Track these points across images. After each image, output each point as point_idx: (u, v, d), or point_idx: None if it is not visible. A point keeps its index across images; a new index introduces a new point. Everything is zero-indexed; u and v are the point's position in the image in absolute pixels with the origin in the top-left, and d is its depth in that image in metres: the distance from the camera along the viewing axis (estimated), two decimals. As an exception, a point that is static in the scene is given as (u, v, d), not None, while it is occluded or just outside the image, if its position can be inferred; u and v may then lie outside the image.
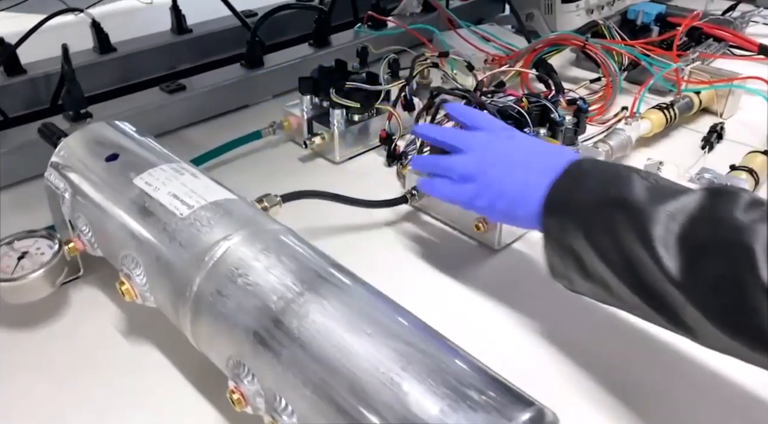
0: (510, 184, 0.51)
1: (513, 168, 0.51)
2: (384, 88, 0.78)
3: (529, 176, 0.49)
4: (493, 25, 1.16)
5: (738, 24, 1.06)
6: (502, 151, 0.53)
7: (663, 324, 0.43)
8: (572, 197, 0.46)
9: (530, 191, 0.49)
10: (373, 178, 0.77)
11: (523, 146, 0.54)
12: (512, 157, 0.53)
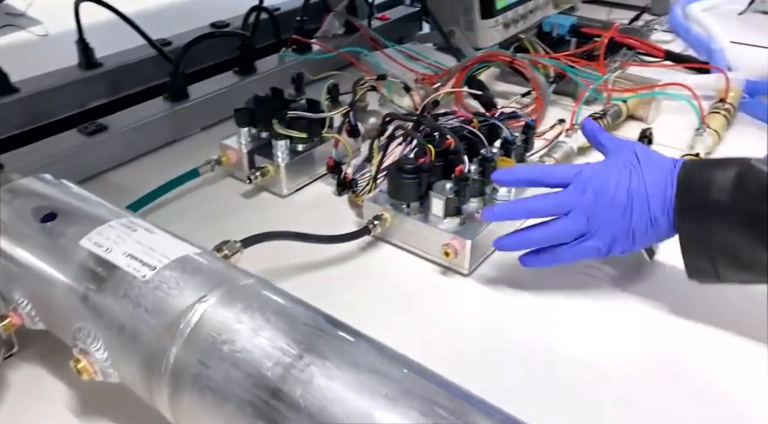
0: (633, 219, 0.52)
1: (623, 200, 0.52)
2: (328, 115, 0.75)
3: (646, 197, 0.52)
4: (416, 43, 1.16)
5: (644, 32, 1.13)
6: (600, 189, 0.53)
7: None
8: (707, 200, 0.49)
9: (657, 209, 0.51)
10: (324, 209, 0.74)
11: (609, 178, 0.54)
12: (609, 190, 0.53)
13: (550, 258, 0.57)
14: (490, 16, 1.07)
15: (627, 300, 0.60)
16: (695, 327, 0.57)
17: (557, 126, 0.81)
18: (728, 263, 0.49)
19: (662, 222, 0.52)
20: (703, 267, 0.51)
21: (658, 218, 0.52)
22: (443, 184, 0.63)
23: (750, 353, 0.54)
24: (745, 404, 0.50)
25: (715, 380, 0.52)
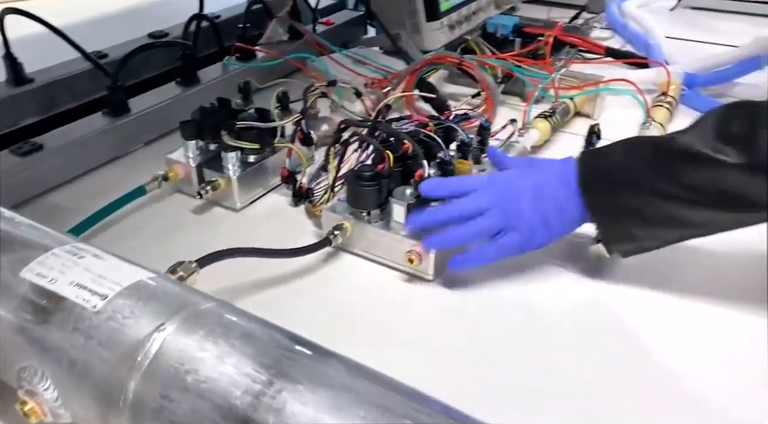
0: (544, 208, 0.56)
1: (530, 194, 0.56)
2: (279, 123, 0.73)
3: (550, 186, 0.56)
4: (363, 47, 1.15)
5: (584, 30, 1.16)
6: (508, 187, 0.57)
7: (734, 223, 0.51)
8: (606, 170, 0.54)
9: (562, 194, 0.55)
10: (280, 221, 0.72)
11: (513, 176, 0.58)
12: (515, 188, 0.57)
13: (477, 257, 0.58)
14: (435, 18, 1.08)
15: (592, 295, 0.61)
16: (657, 308, 0.58)
17: (509, 126, 0.81)
18: (636, 221, 0.53)
19: (571, 206, 0.55)
20: (616, 232, 0.55)
21: (564, 202, 0.56)
22: (403, 190, 0.62)
23: (705, 326, 0.55)
24: (705, 385, 0.51)
25: (678, 362, 0.53)
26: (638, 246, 0.55)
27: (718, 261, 0.63)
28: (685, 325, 0.57)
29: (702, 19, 1.29)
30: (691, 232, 0.54)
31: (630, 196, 0.53)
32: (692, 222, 0.52)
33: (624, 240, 0.55)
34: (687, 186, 0.50)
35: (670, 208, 0.51)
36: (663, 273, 0.61)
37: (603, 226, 0.55)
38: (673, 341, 0.55)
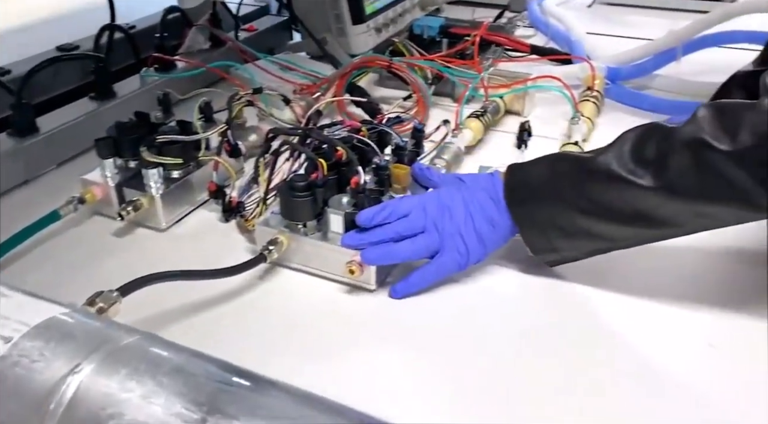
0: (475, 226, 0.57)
1: (463, 213, 0.57)
2: (203, 135, 0.69)
3: (479, 203, 0.58)
4: (289, 53, 1.12)
5: (508, 29, 1.17)
6: (440, 206, 0.58)
7: (647, 237, 0.55)
8: (528, 185, 0.56)
9: (491, 211, 0.57)
10: (210, 239, 0.68)
11: (443, 195, 0.59)
12: (446, 207, 0.58)
13: (419, 280, 0.59)
14: (361, 22, 1.06)
15: (532, 291, 0.60)
16: (596, 302, 0.58)
17: (442, 127, 0.80)
18: (558, 234, 0.56)
19: (501, 221, 0.58)
20: (541, 243, 0.57)
21: (494, 217, 0.58)
22: (340, 199, 0.59)
23: (647, 319, 0.56)
24: (654, 369, 0.51)
25: (626, 350, 0.53)
26: (561, 256, 0.58)
27: (649, 254, 0.64)
28: (619, 315, 0.57)
29: (618, 14, 1.33)
30: (609, 244, 0.56)
31: (552, 211, 0.55)
32: (609, 236, 0.55)
33: (548, 251, 0.58)
34: (603, 204, 0.53)
35: (588, 223, 0.54)
36: (594, 265, 0.62)
37: (528, 238, 0.58)
38: (607, 330, 0.56)
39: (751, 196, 0.48)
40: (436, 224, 0.58)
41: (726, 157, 0.48)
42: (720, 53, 1.01)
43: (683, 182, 0.50)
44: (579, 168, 0.55)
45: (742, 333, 0.54)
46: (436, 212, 0.58)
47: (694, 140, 0.49)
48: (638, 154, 0.52)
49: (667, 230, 0.54)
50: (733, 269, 0.63)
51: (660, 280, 0.61)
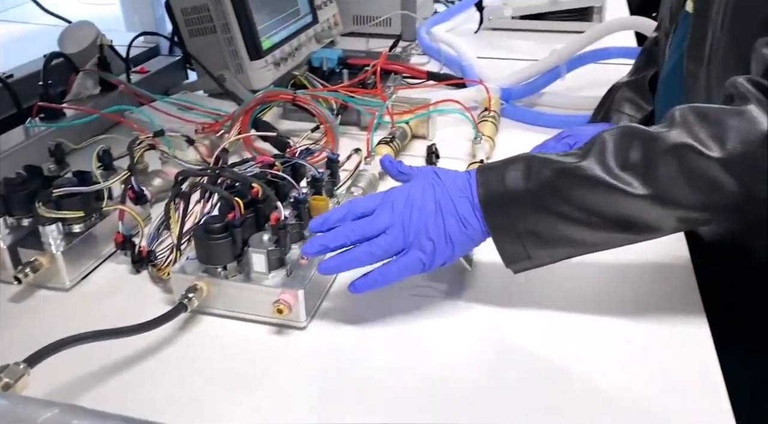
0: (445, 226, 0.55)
1: (432, 210, 0.55)
2: (104, 185, 0.65)
3: (453, 203, 0.55)
4: (186, 92, 1.09)
5: (404, 58, 1.21)
6: (409, 202, 0.56)
7: (625, 241, 0.54)
8: (505, 192, 0.54)
9: (465, 212, 0.55)
10: (122, 294, 0.64)
11: (414, 191, 0.56)
12: (416, 204, 0.56)
13: (379, 280, 0.56)
14: (258, 57, 1.05)
15: (460, 306, 0.61)
16: (521, 312, 0.60)
17: (354, 155, 0.81)
18: (535, 242, 0.55)
19: (473, 222, 0.55)
20: (516, 252, 0.56)
21: (467, 218, 0.55)
22: (260, 237, 0.58)
23: (569, 323, 0.59)
24: (578, 368, 0.54)
25: (552, 353, 0.55)
26: (533, 264, 0.57)
27: (557, 269, 0.66)
28: (543, 326, 0.60)
29: (503, 39, 1.42)
30: (584, 250, 0.56)
31: (531, 219, 0.54)
32: (587, 242, 0.55)
33: (522, 259, 0.56)
34: (587, 209, 0.52)
35: (569, 229, 0.53)
36: (516, 279, 0.64)
37: (501, 245, 0.55)
38: (533, 340, 0.58)
39: (735, 201, 0.49)
40: (403, 222, 0.55)
41: (715, 162, 0.48)
42: (599, 68, 1.09)
43: (673, 189, 0.49)
44: (561, 174, 0.53)
45: (655, 328, 0.58)
46: (404, 208, 0.55)
47: (681, 145, 0.49)
48: (623, 159, 0.51)
49: (648, 235, 0.53)
50: (647, 269, 0.67)
51: (577, 289, 0.64)
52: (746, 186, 0.49)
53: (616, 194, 0.50)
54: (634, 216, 0.51)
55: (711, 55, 0.63)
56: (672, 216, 0.51)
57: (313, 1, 1.22)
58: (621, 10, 1.55)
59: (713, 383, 0.52)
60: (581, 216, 0.52)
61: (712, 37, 0.62)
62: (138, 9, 1.34)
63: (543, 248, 0.55)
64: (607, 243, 0.55)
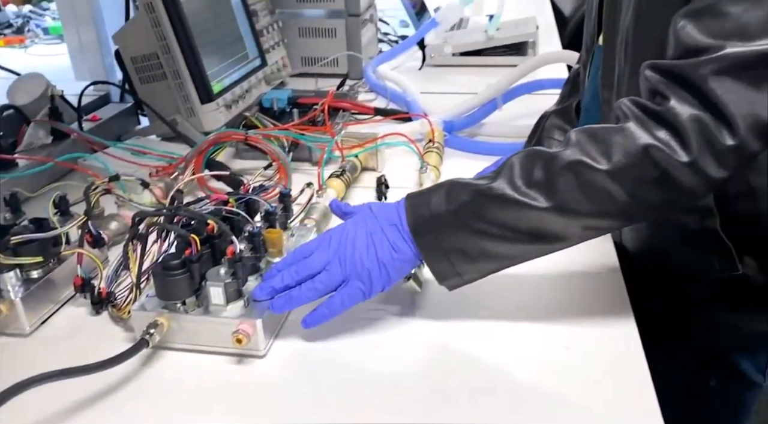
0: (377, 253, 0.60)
1: (365, 241, 0.60)
2: (62, 230, 0.67)
3: (383, 232, 0.60)
4: (139, 138, 1.11)
5: (352, 95, 1.26)
6: (344, 238, 0.61)
7: (540, 252, 0.59)
8: (431, 215, 0.59)
9: (395, 238, 0.60)
10: (83, 335, 0.65)
11: (348, 228, 0.62)
12: (350, 238, 0.61)
13: (326, 313, 0.61)
14: (210, 100, 1.09)
15: (412, 324, 0.65)
16: (468, 325, 0.64)
17: (307, 189, 0.84)
18: (461, 259, 0.59)
19: (403, 247, 0.60)
20: (445, 269, 0.60)
21: (398, 244, 0.60)
22: (217, 271, 0.60)
23: (513, 333, 0.63)
24: (522, 374, 0.58)
25: (497, 361, 0.59)
26: (463, 279, 0.61)
27: (502, 285, 0.71)
28: (489, 337, 0.64)
29: (444, 74, 1.49)
30: (506, 263, 0.61)
31: (455, 237, 0.59)
32: (507, 255, 0.60)
33: (452, 276, 0.60)
34: (501, 225, 0.57)
35: (489, 245, 0.58)
36: (465, 296, 0.68)
37: (432, 264, 0.60)
38: (480, 351, 0.62)
39: (625, 208, 0.55)
40: (339, 257, 0.60)
41: (604, 174, 0.54)
42: (532, 99, 1.17)
43: (572, 200, 0.55)
44: (477, 196, 0.58)
45: (590, 333, 0.63)
46: (339, 244, 0.60)
47: (575, 162, 0.55)
48: (528, 178, 0.56)
49: (558, 244, 0.59)
50: (582, 281, 0.72)
51: (519, 301, 0.69)
52: (632, 193, 0.55)
53: (524, 209, 0.56)
54: (542, 228, 0.57)
55: (619, 83, 0.70)
56: (575, 225, 0.57)
57: (261, 45, 1.27)
58: (553, 44, 1.66)
59: (642, 382, 0.57)
60: (498, 231, 0.57)
61: (619, 66, 0.69)
62: (87, 58, 1.36)
63: (469, 263, 0.59)
64: (525, 255, 0.60)
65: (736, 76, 0.51)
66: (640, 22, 0.65)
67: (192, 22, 1.05)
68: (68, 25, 1.35)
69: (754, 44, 0.51)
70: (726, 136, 0.52)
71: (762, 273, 0.71)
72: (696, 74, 0.52)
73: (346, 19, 1.40)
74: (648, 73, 0.56)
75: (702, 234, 0.71)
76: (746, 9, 0.52)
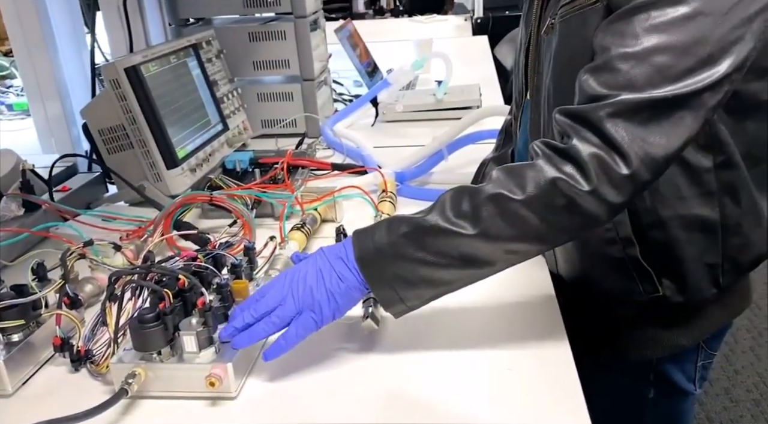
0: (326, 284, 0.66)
1: (314, 276, 0.67)
2: (42, 294, 0.72)
3: (331, 266, 0.67)
4: (108, 204, 1.17)
5: (310, 153, 1.35)
6: (296, 275, 0.67)
7: (473, 277, 0.66)
8: (374, 246, 0.66)
9: (341, 269, 0.66)
10: (64, 392, 0.69)
11: (300, 267, 0.69)
12: (302, 275, 0.67)
13: (283, 344, 0.66)
14: (175, 166, 1.15)
15: (371, 360, 0.71)
16: (423, 356, 0.71)
17: (270, 243, 0.91)
18: (403, 285, 0.66)
19: (349, 276, 0.66)
20: (390, 296, 0.66)
21: (344, 274, 0.67)
22: (189, 321, 0.66)
23: (460, 360, 0.70)
24: (470, 397, 0.64)
25: (447, 387, 0.65)
26: (407, 306, 0.67)
27: (449, 318, 0.78)
28: (439, 366, 0.70)
29: (395, 129, 1.60)
30: (443, 289, 0.67)
31: (396, 266, 0.65)
32: (442, 280, 0.66)
33: (395, 302, 0.67)
34: (436, 253, 0.64)
35: (426, 271, 0.65)
36: (418, 331, 0.75)
37: (377, 292, 0.66)
38: (435, 379, 0.68)
39: (540, 232, 0.63)
40: (292, 292, 0.66)
41: (520, 203, 0.62)
42: (476, 148, 1.27)
43: (494, 227, 0.62)
44: (413, 227, 0.65)
45: (528, 355, 0.70)
46: (291, 281, 0.67)
47: (496, 194, 0.63)
48: (457, 210, 0.64)
49: (487, 269, 0.65)
50: (522, 308, 0.80)
51: (466, 331, 0.76)
52: (544, 219, 0.63)
53: (455, 237, 0.63)
54: (471, 254, 0.64)
55: (545, 132, 0.80)
56: (499, 250, 0.64)
57: (222, 111, 1.35)
58: (495, 95, 1.79)
59: (574, 396, 0.64)
60: (433, 258, 0.64)
61: (543, 118, 0.79)
62: (53, 132, 1.42)
63: (410, 290, 0.66)
64: (460, 280, 0.67)
65: (627, 118, 0.61)
66: (557, 82, 0.76)
67: (156, 94, 1.12)
68: (34, 101, 1.41)
69: (641, 93, 0.61)
70: (621, 166, 0.61)
71: (679, 293, 0.80)
72: (595, 116, 0.62)
73: (302, 84, 1.49)
74: (557, 117, 0.66)
75: (625, 262, 0.80)
76: (633, 66, 0.62)
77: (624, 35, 0.62)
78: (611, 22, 0.65)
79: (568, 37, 0.73)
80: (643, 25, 0.61)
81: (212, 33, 1.39)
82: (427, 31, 2.85)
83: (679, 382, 0.87)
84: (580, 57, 0.68)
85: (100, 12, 1.46)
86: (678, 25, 0.60)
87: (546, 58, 0.78)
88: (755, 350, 2.13)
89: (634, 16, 0.62)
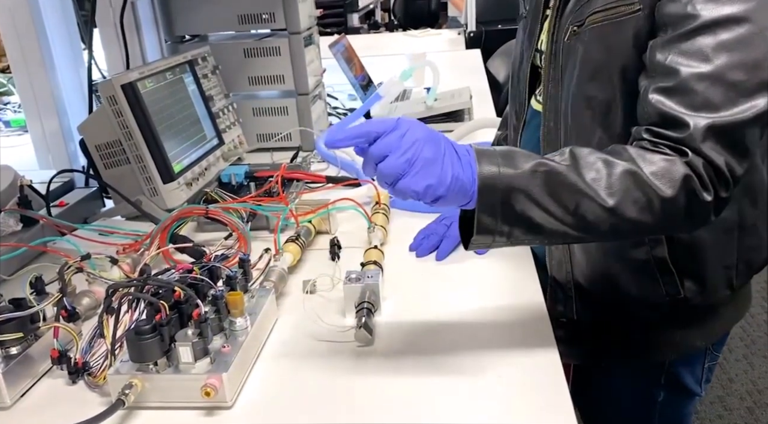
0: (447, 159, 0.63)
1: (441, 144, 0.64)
2: (39, 307, 0.73)
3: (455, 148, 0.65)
4: (105, 219, 1.18)
5: (305, 166, 1.37)
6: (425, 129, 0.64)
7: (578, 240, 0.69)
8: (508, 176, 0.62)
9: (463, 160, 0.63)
10: (62, 404, 0.70)
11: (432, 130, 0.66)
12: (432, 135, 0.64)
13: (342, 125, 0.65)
14: (171, 180, 1.17)
15: (365, 368, 0.72)
16: (419, 362, 0.72)
17: (265, 255, 0.92)
18: (507, 220, 0.63)
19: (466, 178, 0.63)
20: (488, 224, 0.64)
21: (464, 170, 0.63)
22: (185, 332, 0.67)
23: (453, 367, 0.71)
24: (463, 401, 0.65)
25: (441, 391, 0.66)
26: (492, 241, 0.65)
27: (440, 326, 0.80)
28: (433, 372, 0.72)
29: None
30: (533, 238, 0.66)
31: (515, 201, 0.63)
32: (547, 231, 0.64)
33: (487, 232, 0.64)
34: (564, 208, 0.63)
35: (542, 218, 0.63)
36: (411, 338, 0.76)
37: (480, 214, 0.63)
38: (431, 383, 0.69)
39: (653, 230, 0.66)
40: (406, 131, 0.62)
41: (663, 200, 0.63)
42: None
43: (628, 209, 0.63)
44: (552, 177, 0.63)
45: (519, 361, 0.71)
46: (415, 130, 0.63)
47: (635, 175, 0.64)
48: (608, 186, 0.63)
49: (595, 237, 0.68)
50: (511, 315, 0.81)
51: (458, 340, 0.77)
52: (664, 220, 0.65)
53: (586, 200, 0.63)
54: (593, 220, 0.63)
55: (566, 139, 0.81)
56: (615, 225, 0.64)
57: (218, 126, 1.37)
58: (488, 108, 1.81)
59: (562, 403, 0.65)
60: (557, 210, 0.63)
61: (566, 124, 0.81)
62: (51, 148, 1.43)
63: (511, 226, 0.63)
64: (562, 237, 0.66)
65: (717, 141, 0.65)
66: (583, 87, 0.77)
67: (152, 109, 1.14)
68: (31, 117, 1.43)
69: (722, 113, 0.64)
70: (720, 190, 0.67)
71: (700, 295, 0.82)
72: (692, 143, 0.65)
73: (297, 98, 1.52)
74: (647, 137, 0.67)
75: (649, 264, 0.81)
76: (707, 87, 0.64)
77: (690, 56, 0.65)
78: (671, 42, 0.67)
79: (600, 44, 0.74)
80: (710, 45, 0.64)
81: (208, 49, 1.41)
82: (421, 45, 2.89)
83: (688, 384, 0.89)
84: (613, 62, 0.70)
85: (97, 29, 1.48)
86: (746, 43, 0.63)
87: (569, 65, 0.79)
88: (749, 358, 2.14)
89: (698, 36, 0.64)
